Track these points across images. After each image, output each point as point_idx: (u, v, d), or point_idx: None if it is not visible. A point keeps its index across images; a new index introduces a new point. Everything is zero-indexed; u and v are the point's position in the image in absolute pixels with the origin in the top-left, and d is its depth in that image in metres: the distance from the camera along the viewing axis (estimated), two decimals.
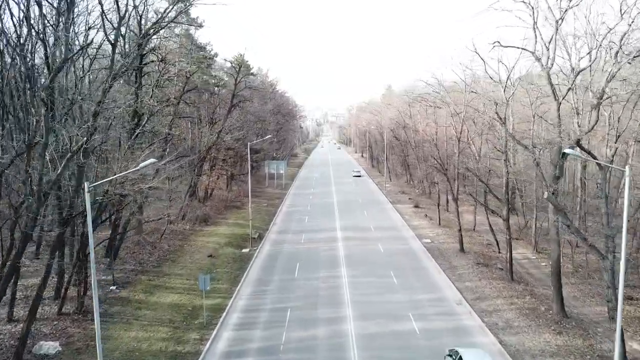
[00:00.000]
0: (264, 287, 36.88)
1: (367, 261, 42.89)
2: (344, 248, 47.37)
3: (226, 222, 57.95)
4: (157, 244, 45.11)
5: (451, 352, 23.80)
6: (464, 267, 41.57)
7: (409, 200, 75.62)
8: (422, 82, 60.00)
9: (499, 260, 44.59)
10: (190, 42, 44.62)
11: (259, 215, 63.09)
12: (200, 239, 49.54)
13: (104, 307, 31.23)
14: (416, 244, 49.86)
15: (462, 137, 44.95)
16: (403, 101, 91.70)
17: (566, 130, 31.16)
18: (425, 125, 76.06)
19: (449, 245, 48.83)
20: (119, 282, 35.50)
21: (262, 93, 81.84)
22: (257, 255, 45.30)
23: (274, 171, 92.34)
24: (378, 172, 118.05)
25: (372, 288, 36.20)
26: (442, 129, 60.57)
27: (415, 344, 27.14)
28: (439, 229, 56.20)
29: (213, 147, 56.32)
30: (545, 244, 50.61)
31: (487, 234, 54.57)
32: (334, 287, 36.56)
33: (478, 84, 49.04)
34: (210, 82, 64.07)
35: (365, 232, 54.52)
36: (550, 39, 31.45)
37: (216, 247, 46.56)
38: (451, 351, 23.91)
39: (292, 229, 56.40)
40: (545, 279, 40.32)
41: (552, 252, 32.52)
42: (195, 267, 40.49)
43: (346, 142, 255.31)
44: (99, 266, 38.53)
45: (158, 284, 36.33)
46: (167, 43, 47.53)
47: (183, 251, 44.84)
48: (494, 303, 33.40)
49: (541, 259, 46.12)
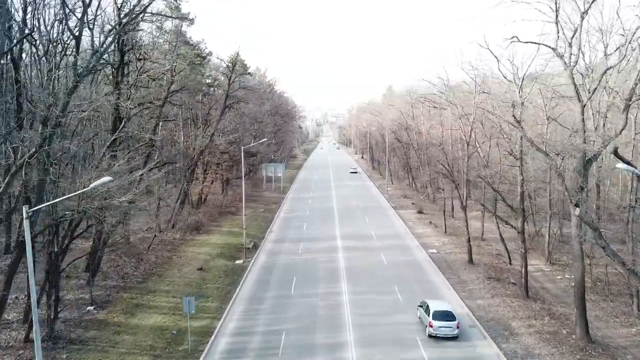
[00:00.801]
0: (257, 305, 33.75)
1: (369, 274, 39.77)
2: (345, 259, 44.24)
3: (220, 230, 54.79)
4: (143, 256, 41.98)
5: (422, 304, 30.50)
6: (474, 282, 38.46)
7: (412, 205, 72.48)
8: (424, 82, 57.02)
9: (511, 274, 41.48)
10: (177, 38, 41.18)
11: (254, 222, 59.95)
12: (191, 249, 46.38)
13: (78, 332, 28.14)
14: (421, 254, 46.74)
15: (470, 140, 41.75)
16: (405, 102, 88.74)
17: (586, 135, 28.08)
18: (429, 127, 72.95)
19: (457, 256, 45.71)
20: (97, 301, 32.37)
21: (258, 93, 78.66)
22: (251, 267, 42.17)
23: (272, 174, 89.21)
24: (379, 175, 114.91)
25: (376, 306, 33.07)
26: (448, 132, 57.39)
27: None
28: (445, 237, 53.07)
29: (206, 150, 53.14)
30: (559, 254, 47.53)
31: (496, 242, 51.43)
32: (334, 305, 33.42)
33: (485, 83, 45.95)
34: (203, 82, 60.98)
35: (367, 240, 51.40)
36: (574, 33, 28.36)
37: (207, 259, 43.43)
38: (422, 302, 30.60)
39: (289, 237, 53.27)
40: (562, 295, 37.22)
41: (575, 270, 29.39)
42: (183, 283, 37.36)
43: (346, 143, 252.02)
44: (78, 282, 35.56)
45: (141, 302, 33.19)
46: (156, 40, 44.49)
47: (171, 264, 41.69)
48: (510, 326, 30.29)
49: (556, 272, 42.98)
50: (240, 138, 69.07)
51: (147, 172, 30.22)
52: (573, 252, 30.45)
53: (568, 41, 28.52)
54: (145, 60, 31.71)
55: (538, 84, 39.08)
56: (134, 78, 29.63)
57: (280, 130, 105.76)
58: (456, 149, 55.68)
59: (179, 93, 45.55)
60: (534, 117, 49.35)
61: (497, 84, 50.76)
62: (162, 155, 40.96)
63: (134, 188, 24.34)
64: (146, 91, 35.72)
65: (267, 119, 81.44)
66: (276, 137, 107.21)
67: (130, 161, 26.10)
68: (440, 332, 27.67)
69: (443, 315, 28.02)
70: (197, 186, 59.77)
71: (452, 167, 44.82)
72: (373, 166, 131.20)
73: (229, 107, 57.04)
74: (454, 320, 27.88)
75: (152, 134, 34.89)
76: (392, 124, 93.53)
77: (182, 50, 43.85)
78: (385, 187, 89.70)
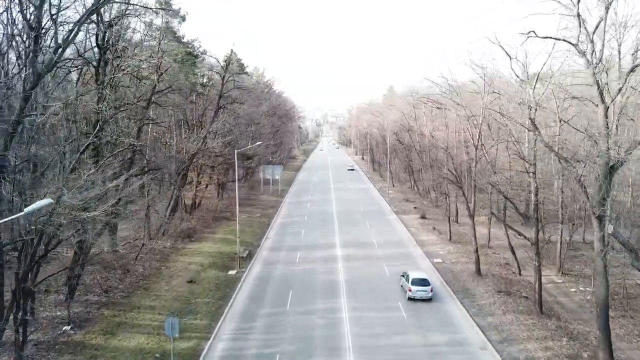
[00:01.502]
0: (249, 322, 31.16)
1: (370, 288, 37.15)
2: (345, 270, 41.63)
3: (213, 237, 52.16)
4: (131, 267, 39.38)
5: (403, 274, 36.94)
6: (484, 296, 35.85)
7: (414, 209, 69.86)
8: (426, 83, 54.58)
9: (522, 286, 38.90)
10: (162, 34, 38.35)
11: (250, 228, 57.36)
12: (182, 259, 43.76)
13: (50, 356, 25.56)
14: (426, 264, 44.14)
15: (478, 144, 39.16)
16: (407, 102, 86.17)
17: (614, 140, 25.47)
18: (432, 128, 70.37)
19: (463, 267, 43.10)
20: (76, 319, 29.75)
21: (255, 93, 75.98)
22: (244, 279, 39.58)
23: (270, 176, 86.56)
24: (380, 177, 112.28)
25: (378, 325, 30.48)
26: (453, 134, 54.77)
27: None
28: (450, 245, 50.45)
29: (199, 153, 50.49)
30: (571, 263, 44.93)
31: (504, 250, 48.88)
32: (333, 323, 30.83)
33: (493, 83, 43.37)
34: (198, 82, 58.33)
35: (368, 248, 48.80)
36: (596, 27, 25.80)
37: (198, 270, 40.83)
38: (404, 273, 37.01)
39: (286, 245, 50.67)
40: (578, 311, 34.63)
41: (597, 288, 26.77)
42: (170, 297, 34.75)
43: (346, 143, 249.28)
44: (57, 297, 32.92)
45: (124, 320, 30.57)
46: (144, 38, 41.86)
47: (159, 275, 39.06)
48: (526, 348, 27.69)
49: (569, 283, 40.37)
50: (236, 140, 66.50)
51: (129, 179, 27.52)
52: (595, 268, 27.87)
53: (589, 36, 25.97)
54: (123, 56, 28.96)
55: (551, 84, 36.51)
56: (110, 77, 26.95)
57: (279, 132, 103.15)
58: (461, 152, 53.08)
59: (170, 93, 42.93)
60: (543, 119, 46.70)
61: (503, 84, 48.25)
62: (148, 160, 38.20)
63: (112, 198, 21.71)
64: (130, 91, 33.10)
65: (264, 120, 78.72)
66: (275, 138, 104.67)
67: (105, 169, 23.50)
68: (417, 294, 34.24)
69: (420, 281, 34.66)
70: (190, 191, 57.14)
71: (459, 172, 42.09)
72: (374, 167, 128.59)
73: (223, 108, 54.35)
74: (428, 286, 34.63)
75: (136, 138, 32.18)
76: (393, 125, 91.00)
77: (170, 47, 41.15)
78: (386, 189, 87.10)
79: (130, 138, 30.78)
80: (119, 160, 30.23)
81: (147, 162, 37.74)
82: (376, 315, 32.23)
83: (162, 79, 37.50)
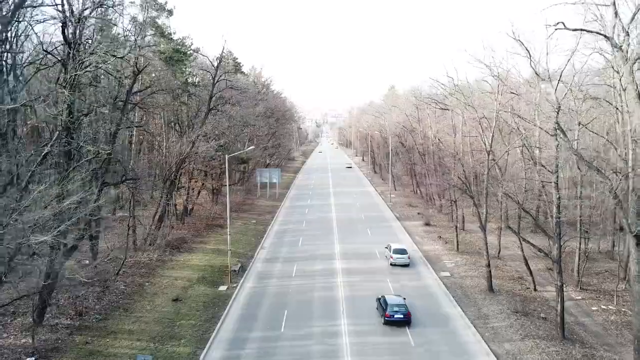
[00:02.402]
0: (239, 349, 27.85)
1: (373, 307, 33.75)
2: (345, 286, 38.29)
3: (204, 247, 48.83)
4: (111, 283, 36.05)
5: (387, 246, 45.09)
6: (498, 317, 32.52)
7: (417, 215, 66.55)
8: (429, 82, 51.50)
9: (539, 304, 35.64)
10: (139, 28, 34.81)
11: (244, 236, 54.08)
12: (169, 273, 40.43)
13: None
14: (432, 277, 40.86)
15: (491, 148, 35.85)
16: (409, 102, 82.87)
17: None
18: (436, 130, 67.04)
19: (473, 281, 39.79)
20: (42, 349, 26.43)
21: (251, 94, 72.56)
22: (235, 296, 36.27)
23: (267, 180, 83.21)
24: (381, 180, 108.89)
25: (384, 354, 27.17)
26: (460, 137, 51.45)
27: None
28: (458, 256, 47.10)
29: (189, 157, 47.12)
30: (589, 276, 41.63)
31: (514, 260, 45.77)
32: (332, 351, 27.56)
33: (507, 82, 40.13)
34: (188, 81, 55.03)
35: (370, 260, 45.47)
36: (632, 18, 22.58)
37: (185, 286, 37.50)
38: (387, 245, 45.19)
39: (282, 256, 47.35)
40: (602, 334, 31.36)
41: (635, 317, 23.45)
42: (152, 319, 31.42)
43: (346, 144, 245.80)
44: (24, 320, 29.56)
45: (96, 348, 27.22)
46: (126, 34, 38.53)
47: (142, 293, 35.69)
48: None
49: (589, 300, 37.06)
50: (232, 143, 63.24)
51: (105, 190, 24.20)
52: (632, 294, 24.57)
53: (624, 28, 22.74)
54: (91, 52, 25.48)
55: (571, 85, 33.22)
56: (71, 75, 23.58)
57: (276, 133, 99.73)
58: (470, 157, 49.71)
59: (156, 94, 39.56)
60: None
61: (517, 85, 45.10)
62: (125, 168, 34.82)
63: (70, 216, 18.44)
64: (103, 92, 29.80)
65: (260, 122, 75.28)
66: (273, 139, 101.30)
67: (65, 182, 20.22)
68: (397, 261, 42.71)
69: (399, 251, 43.43)
70: (182, 196, 53.80)
71: (469, 180, 38.74)
72: (374, 170, 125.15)
73: (214, 109, 50.95)
74: (406, 254, 43.15)
75: (111, 144, 28.74)
76: (395, 127, 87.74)
77: (154, 43, 37.83)
78: (387, 193, 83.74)
79: (101, 145, 27.32)
80: (89, 171, 26.78)
81: (124, 170, 34.29)
82: (380, 340, 28.92)
83: (142, 79, 34.09)
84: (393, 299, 31.58)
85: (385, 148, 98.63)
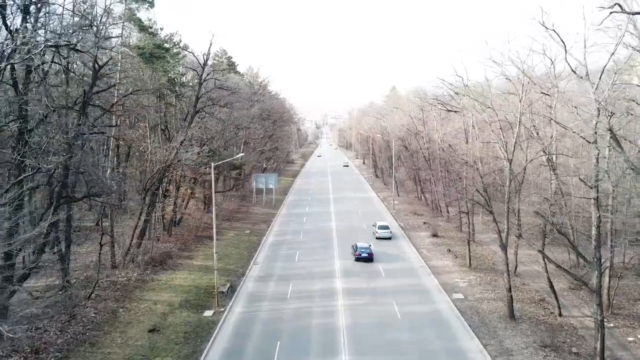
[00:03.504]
0: None
1: (378, 338, 29.37)
2: (346, 311, 33.85)
3: (191, 263, 44.45)
4: (79, 310, 31.63)
5: (374, 224, 56.60)
6: (523, 353, 28.08)
7: (424, 225, 62.11)
8: (435, 81, 47.03)
9: (567, 334, 31.23)
10: (100, 18, 29.94)
11: (236, 249, 49.71)
12: (148, 295, 36.02)
13: None
14: (444, 300, 36.46)
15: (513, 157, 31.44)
16: (412, 104, 78.51)
17: None
18: (442, 134, 62.68)
19: (491, 305, 35.37)
20: None
21: (246, 94, 68.17)
22: (222, 324, 31.84)
23: (263, 186, 78.80)
24: (383, 185, 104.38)
25: None
26: (471, 142, 47.05)
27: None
28: (471, 273, 42.67)
29: (174, 164, 42.73)
30: (617, 298, 37.10)
31: (532, 278, 41.44)
32: None
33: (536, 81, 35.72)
34: (176, 80, 50.65)
35: (374, 279, 41.09)
36: None
37: (165, 312, 33.09)
38: (374, 223, 56.89)
39: (276, 273, 42.97)
40: None
41: None
42: (122, 357, 26.97)
43: (346, 146, 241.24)
44: None
45: None
46: None
47: (114, 322, 31.21)
48: None
49: (623, 329, 32.58)
50: (224, 148, 58.89)
51: (58, 210, 19.80)
52: None
53: None
54: (23, 40, 21.31)
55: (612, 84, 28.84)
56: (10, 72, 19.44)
57: (273, 136, 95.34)
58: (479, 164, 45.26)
59: (133, 94, 35.16)
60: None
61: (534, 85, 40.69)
62: (88, 181, 30.42)
63: None
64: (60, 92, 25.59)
65: (255, 124, 70.87)
66: (270, 142, 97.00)
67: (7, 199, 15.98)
68: (381, 235, 53.57)
69: (383, 227, 54.76)
70: (167, 207, 49.38)
71: (488, 191, 34.26)
72: (376, 174, 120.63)
73: (201, 111, 46.59)
74: (389, 229, 54.73)
75: (67, 154, 24.38)
76: (398, 129, 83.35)
77: (125, 36, 33.53)
78: (390, 200, 79.31)
79: (53, 156, 23.00)
80: (43, 186, 22.44)
81: (89, 183, 29.88)
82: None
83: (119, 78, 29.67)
84: (361, 244, 46.80)
85: (387, 151, 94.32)
